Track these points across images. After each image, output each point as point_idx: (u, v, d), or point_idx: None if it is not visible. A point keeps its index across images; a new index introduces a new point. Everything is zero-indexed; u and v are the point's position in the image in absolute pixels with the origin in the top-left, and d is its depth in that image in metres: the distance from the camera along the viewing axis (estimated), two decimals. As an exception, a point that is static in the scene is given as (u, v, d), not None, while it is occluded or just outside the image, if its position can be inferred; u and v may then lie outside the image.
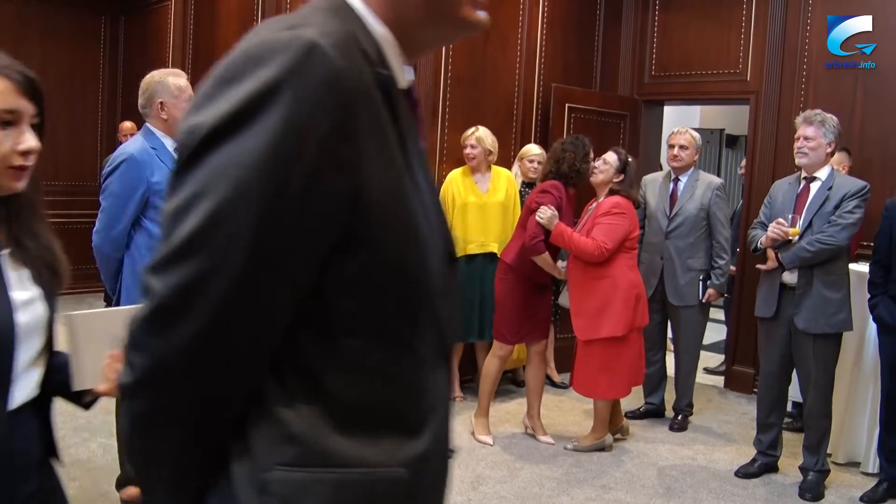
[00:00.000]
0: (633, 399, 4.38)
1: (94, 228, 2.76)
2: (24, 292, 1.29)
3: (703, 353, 4.71)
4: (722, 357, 5.78)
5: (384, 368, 0.83)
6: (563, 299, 4.17)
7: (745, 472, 3.72)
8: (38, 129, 1.28)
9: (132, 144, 2.81)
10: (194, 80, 2.92)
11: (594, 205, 3.92)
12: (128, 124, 6.01)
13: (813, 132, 3.43)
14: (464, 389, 4.73)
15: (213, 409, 0.79)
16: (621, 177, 3.83)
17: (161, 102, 2.78)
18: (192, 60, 6.53)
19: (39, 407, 1.35)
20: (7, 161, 1.23)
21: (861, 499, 3.47)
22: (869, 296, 3.50)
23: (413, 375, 0.86)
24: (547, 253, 3.82)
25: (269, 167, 0.73)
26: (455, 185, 4.55)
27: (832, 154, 3.55)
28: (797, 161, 3.52)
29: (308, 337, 0.80)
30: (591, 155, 3.90)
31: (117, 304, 2.84)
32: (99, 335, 1.40)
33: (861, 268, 3.80)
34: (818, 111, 3.49)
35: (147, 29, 7.16)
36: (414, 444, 0.85)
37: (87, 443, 3.63)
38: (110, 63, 7.58)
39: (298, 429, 0.79)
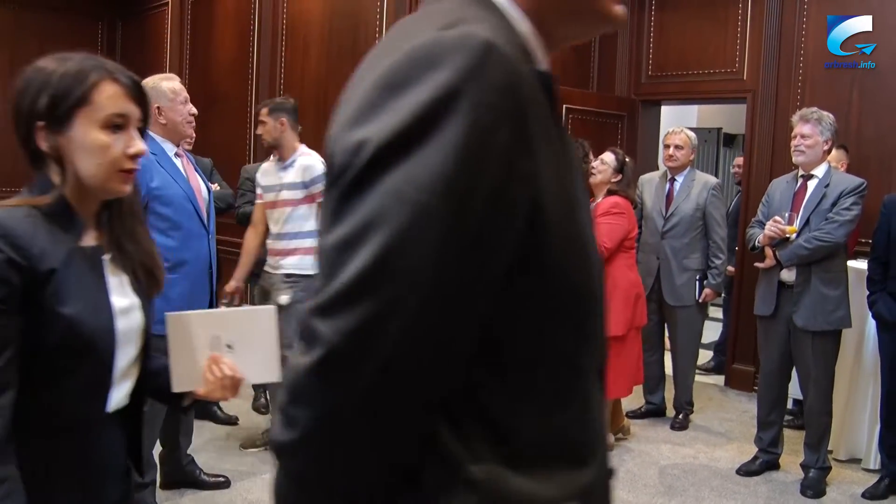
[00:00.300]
0: (634, 399, 4.38)
1: (94, 234, 2.76)
2: (124, 298, 1.29)
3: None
4: (710, 353, 5.79)
5: (558, 395, 0.77)
6: None
7: (746, 470, 3.72)
8: (141, 133, 1.29)
9: (131, 149, 2.81)
10: (192, 84, 2.95)
11: (592, 205, 3.93)
12: (126, 129, 6.01)
13: (809, 130, 3.44)
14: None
15: (385, 462, 0.71)
16: (619, 177, 3.85)
17: (158, 107, 2.79)
18: (189, 64, 6.54)
19: (127, 417, 1.36)
20: (118, 164, 1.24)
21: (863, 495, 3.48)
22: (868, 293, 3.51)
23: (582, 398, 0.80)
24: None
25: (453, 187, 0.64)
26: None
27: (829, 151, 3.56)
28: (794, 159, 3.53)
29: (480, 372, 0.72)
30: (591, 156, 3.91)
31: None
32: (198, 336, 1.39)
33: (859, 265, 3.81)
34: (814, 109, 3.50)
35: (144, 33, 7.17)
36: (584, 472, 0.79)
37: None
38: (108, 68, 7.59)
39: (477, 473, 0.72)
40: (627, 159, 3.92)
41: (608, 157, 3.87)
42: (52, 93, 1.20)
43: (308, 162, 3.50)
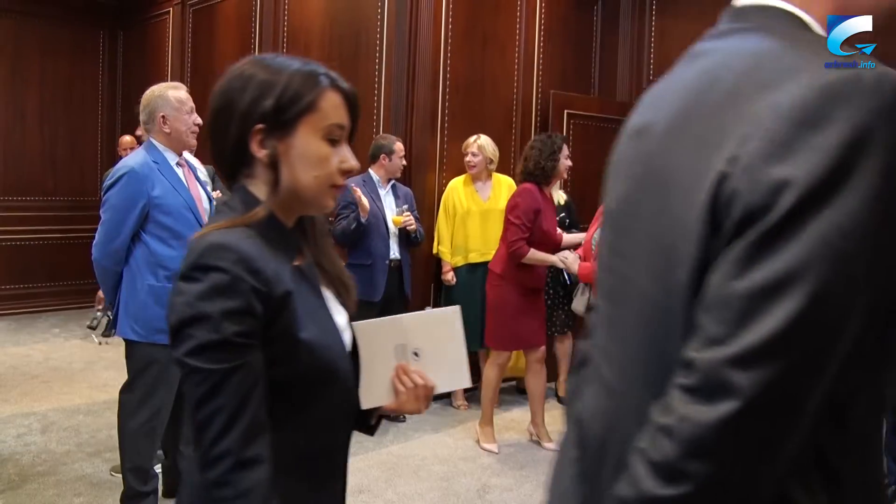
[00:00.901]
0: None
1: (94, 241, 2.76)
2: (339, 315, 1.21)
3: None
4: None
5: (873, 436, 0.76)
6: (577, 304, 4.07)
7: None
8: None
9: (134, 158, 2.81)
10: (193, 93, 2.94)
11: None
12: (127, 138, 6.03)
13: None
14: (467, 398, 4.72)
15: None
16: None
17: (163, 116, 2.79)
18: (190, 73, 6.55)
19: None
20: (332, 179, 1.13)
21: (869, 501, 3.46)
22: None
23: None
24: (532, 249, 3.78)
25: (871, 234, 0.64)
26: (456, 194, 4.56)
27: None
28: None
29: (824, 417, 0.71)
30: (564, 152, 3.86)
31: (115, 318, 2.82)
32: (384, 346, 1.29)
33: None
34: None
35: (145, 42, 7.19)
36: None
37: (92, 458, 3.61)
38: (109, 77, 7.61)
39: None
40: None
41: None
42: (279, 95, 1.10)
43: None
